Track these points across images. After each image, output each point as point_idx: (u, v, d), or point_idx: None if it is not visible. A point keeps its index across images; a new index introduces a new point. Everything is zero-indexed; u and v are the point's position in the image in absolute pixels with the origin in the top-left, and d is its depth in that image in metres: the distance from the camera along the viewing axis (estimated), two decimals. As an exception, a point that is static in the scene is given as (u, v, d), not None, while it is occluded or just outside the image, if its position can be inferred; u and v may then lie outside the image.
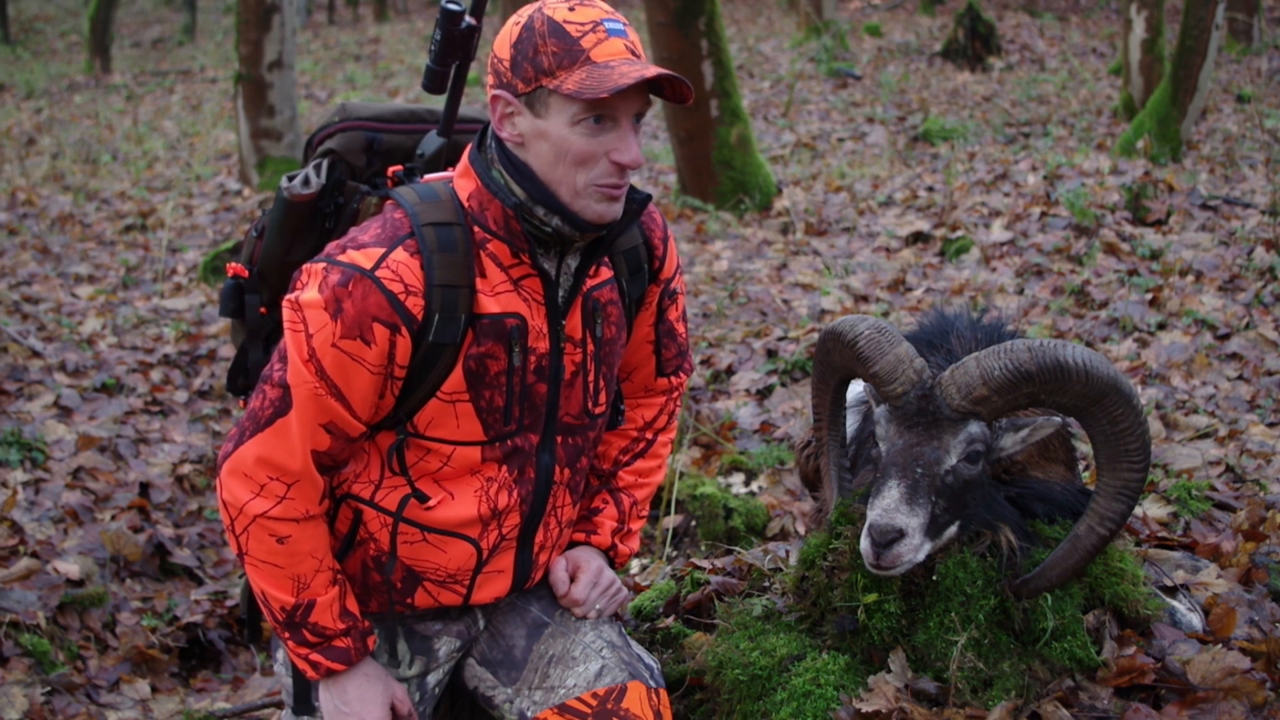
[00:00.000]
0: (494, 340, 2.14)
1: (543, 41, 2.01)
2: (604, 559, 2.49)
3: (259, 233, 2.41)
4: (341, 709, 2.23)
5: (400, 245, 2.08)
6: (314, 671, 2.21)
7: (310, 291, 2.05)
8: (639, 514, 2.57)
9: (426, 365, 2.11)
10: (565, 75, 2.00)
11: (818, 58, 16.65)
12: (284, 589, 2.15)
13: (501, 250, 2.14)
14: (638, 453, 2.56)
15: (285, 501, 2.10)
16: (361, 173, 2.40)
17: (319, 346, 2.04)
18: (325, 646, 2.19)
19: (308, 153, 2.45)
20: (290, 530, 2.12)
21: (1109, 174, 8.23)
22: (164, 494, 4.98)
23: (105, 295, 7.67)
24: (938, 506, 2.20)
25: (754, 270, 7.47)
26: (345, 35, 24.86)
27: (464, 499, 2.21)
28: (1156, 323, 5.71)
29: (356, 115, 2.42)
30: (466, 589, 2.30)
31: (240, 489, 2.10)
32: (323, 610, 2.17)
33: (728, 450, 5.00)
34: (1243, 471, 4.08)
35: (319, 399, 2.06)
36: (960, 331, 2.49)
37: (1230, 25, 15.53)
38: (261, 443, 2.08)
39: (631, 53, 2.05)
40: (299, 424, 2.06)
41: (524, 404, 2.20)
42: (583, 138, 2.03)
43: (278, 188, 2.34)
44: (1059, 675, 2.25)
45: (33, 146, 13.57)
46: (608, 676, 2.30)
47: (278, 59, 10.54)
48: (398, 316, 2.05)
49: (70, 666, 3.85)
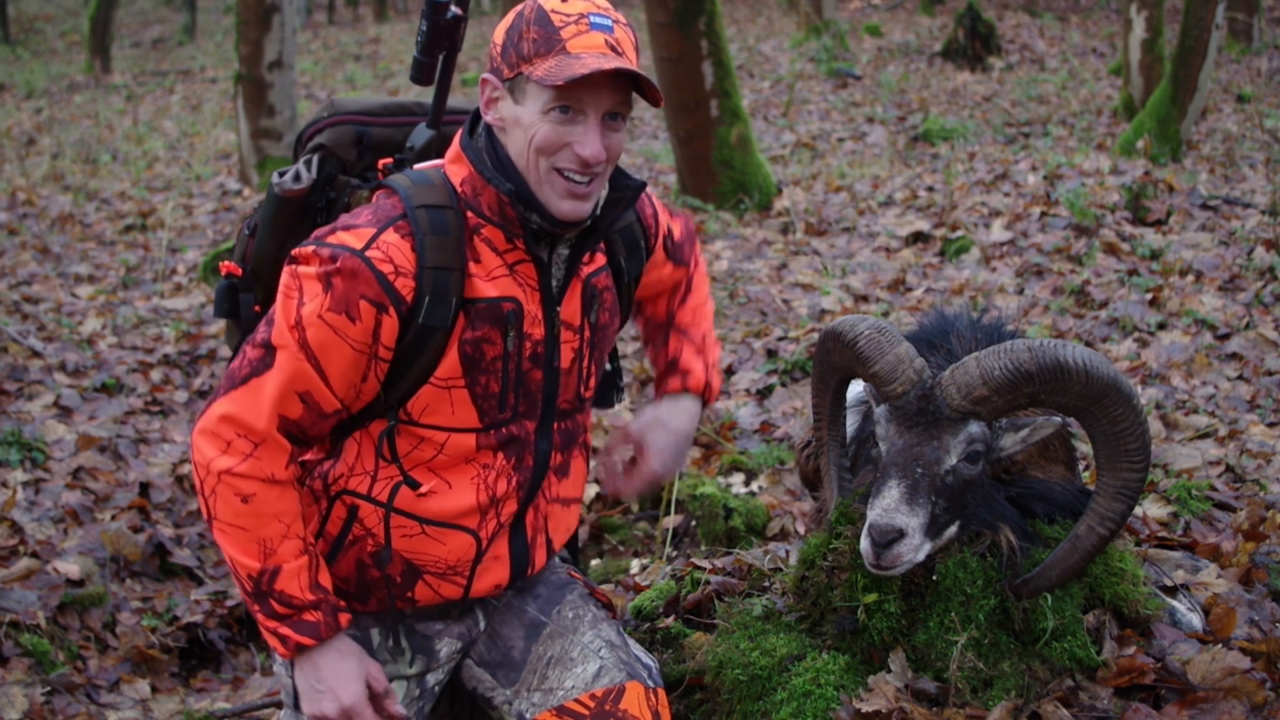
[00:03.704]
0: (490, 325, 2.15)
1: (527, 28, 2.06)
2: (698, 402, 2.52)
3: (251, 231, 2.42)
4: (315, 687, 2.17)
5: (391, 227, 2.09)
6: (284, 648, 2.15)
7: (307, 265, 2.08)
8: (712, 345, 2.61)
9: (416, 348, 2.11)
10: (539, 62, 2.04)
11: (818, 58, 16.66)
12: (249, 553, 2.11)
13: (496, 235, 2.15)
14: (683, 294, 2.61)
15: (250, 460, 2.07)
16: (352, 167, 2.41)
17: (306, 316, 2.05)
18: (295, 620, 2.13)
19: (297, 149, 2.45)
20: (255, 489, 2.08)
21: (1109, 174, 8.23)
22: (164, 494, 4.98)
23: (105, 295, 7.67)
24: (938, 506, 2.20)
25: (754, 270, 7.47)
26: (345, 35, 24.86)
27: (462, 488, 2.21)
28: (1156, 323, 5.71)
29: (345, 110, 2.44)
30: (467, 579, 2.29)
31: (208, 446, 2.09)
32: (289, 578, 2.12)
33: (728, 450, 5.00)
34: (1243, 471, 4.08)
35: (299, 365, 2.06)
36: (960, 331, 2.49)
37: (1230, 25, 15.52)
38: (231, 400, 2.08)
39: (612, 49, 2.06)
40: (274, 386, 2.06)
41: (519, 391, 2.21)
42: (549, 125, 2.07)
43: (269, 184, 2.35)
44: (1059, 675, 2.25)
45: (33, 146, 13.57)
46: (606, 677, 2.30)
47: (278, 59, 10.54)
48: (386, 296, 2.06)
49: (70, 666, 3.85)
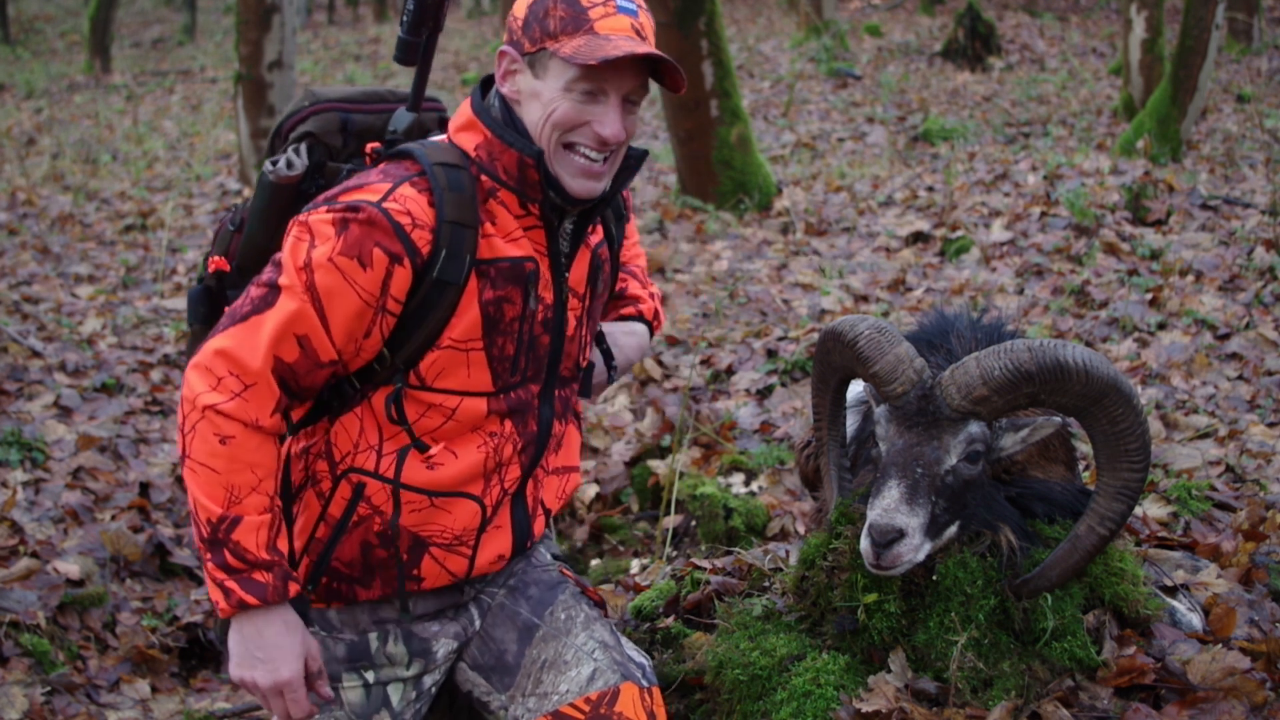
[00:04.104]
0: (512, 284, 2.17)
1: (554, 5, 2.09)
2: (647, 328, 2.66)
3: (237, 226, 2.39)
4: (254, 653, 2.10)
5: (408, 182, 2.10)
6: (226, 603, 2.07)
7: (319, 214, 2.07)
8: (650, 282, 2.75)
9: (426, 306, 2.11)
10: (566, 40, 2.07)
11: (818, 58, 16.65)
12: (215, 497, 2.05)
13: (510, 200, 2.17)
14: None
15: (238, 400, 2.05)
16: (339, 153, 2.41)
17: (316, 258, 2.04)
18: (244, 576, 2.07)
19: (275, 142, 2.43)
20: (235, 431, 2.05)
21: (1109, 174, 8.23)
22: (164, 494, 4.98)
23: (105, 295, 7.66)
24: (938, 506, 2.20)
25: (754, 270, 7.47)
26: (345, 35, 24.87)
27: (468, 455, 2.21)
28: (1156, 323, 5.71)
29: (326, 98, 2.44)
30: (472, 550, 2.29)
31: (198, 380, 2.06)
32: (248, 531, 2.06)
33: (728, 450, 5.00)
34: (1243, 471, 4.08)
35: (301, 307, 2.04)
36: (960, 331, 2.49)
37: (1230, 25, 15.52)
38: (229, 335, 2.06)
39: (637, 33, 2.11)
40: (273, 324, 2.04)
41: (529, 355, 2.23)
42: (571, 103, 2.10)
43: (260, 174, 2.33)
44: (1059, 675, 2.25)
45: (33, 146, 13.56)
46: (600, 680, 2.29)
47: (278, 59, 10.54)
48: (401, 245, 2.06)
49: (70, 666, 3.85)
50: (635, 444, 5.14)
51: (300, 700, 2.14)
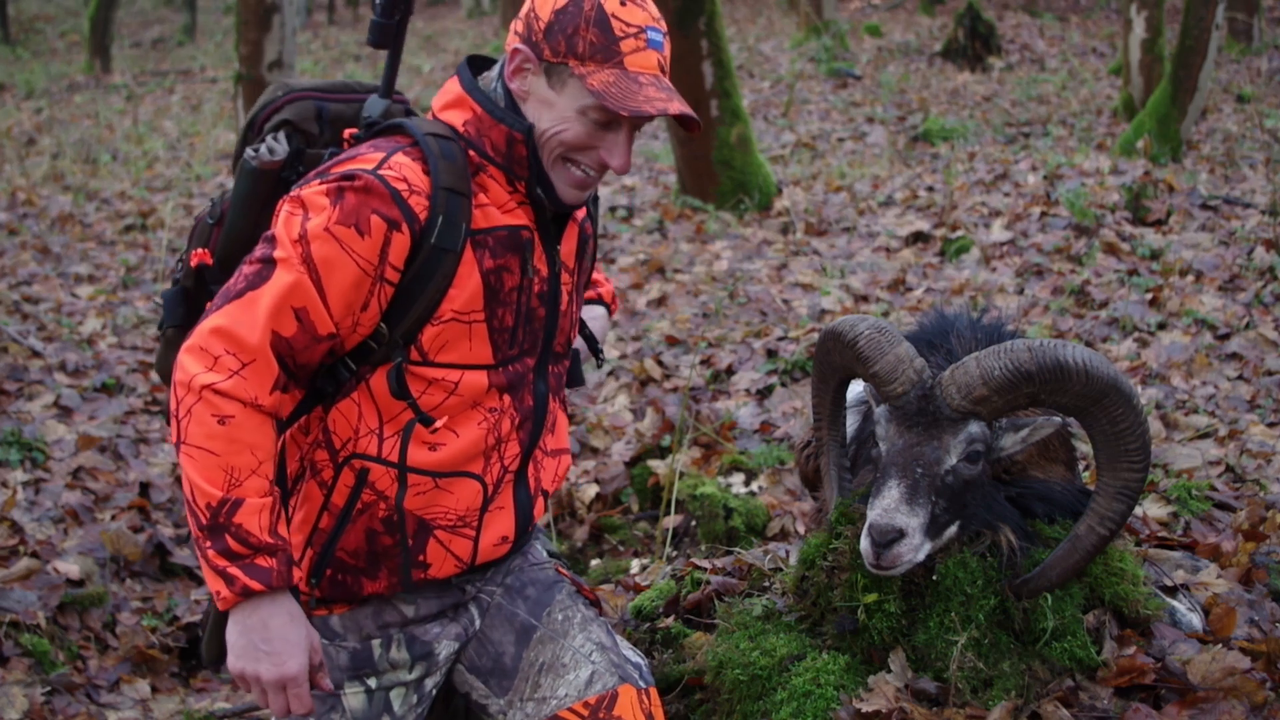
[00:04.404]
0: (510, 251, 2.17)
1: (585, 26, 2.06)
2: (606, 309, 2.72)
3: (216, 219, 2.35)
4: (259, 645, 2.01)
5: (401, 150, 2.10)
6: (229, 590, 1.98)
7: (311, 188, 2.06)
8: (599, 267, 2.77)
9: (424, 274, 2.09)
10: (595, 69, 2.06)
11: (818, 58, 16.66)
12: (214, 480, 1.98)
13: (499, 177, 2.17)
14: None
15: (236, 378, 1.99)
16: (315, 140, 2.39)
17: (312, 229, 2.02)
18: (247, 561, 1.98)
19: (248, 134, 2.40)
20: (235, 411, 1.99)
21: (1109, 174, 8.23)
22: (164, 494, 4.97)
23: (105, 295, 7.66)
24: (938, 506, 2.20)
25: (754, 270, 7.47)
26: (345, 35, 24.86)
27: (469, 433, 2.20)
28: (1156, 323, 5.71)
29: (299, 87, 2.44)
30: (476, 531, 2.27)
31: (193, 362, 2.00)
32: (250, 513, 1.98)
33: (728, 450, 5.00)
34: (1243, 471, 4.08)
35: (298, 279, 2.01)
36: (960, 331, 2.49)
37: (1230, 25, 15.52)
38: (224, 313, 2.01)
39: (661, 68, 2.12)
40: (270, 299, 2.00)
41: (527, 327, 2.24)
42: (584, 128, 2.11)
43: (241, 162, 2.31)
44: (1059, 675, 2.25)
45: (33, 146, 13.56)
46: (598, 683, 2.29)
47: (278, 59, 10.55)
48: (398, 211, 2.04)
49: (70, 666, 3.85)
50: (635, 444, 5.14)
51: (304, 695, 2.07)
